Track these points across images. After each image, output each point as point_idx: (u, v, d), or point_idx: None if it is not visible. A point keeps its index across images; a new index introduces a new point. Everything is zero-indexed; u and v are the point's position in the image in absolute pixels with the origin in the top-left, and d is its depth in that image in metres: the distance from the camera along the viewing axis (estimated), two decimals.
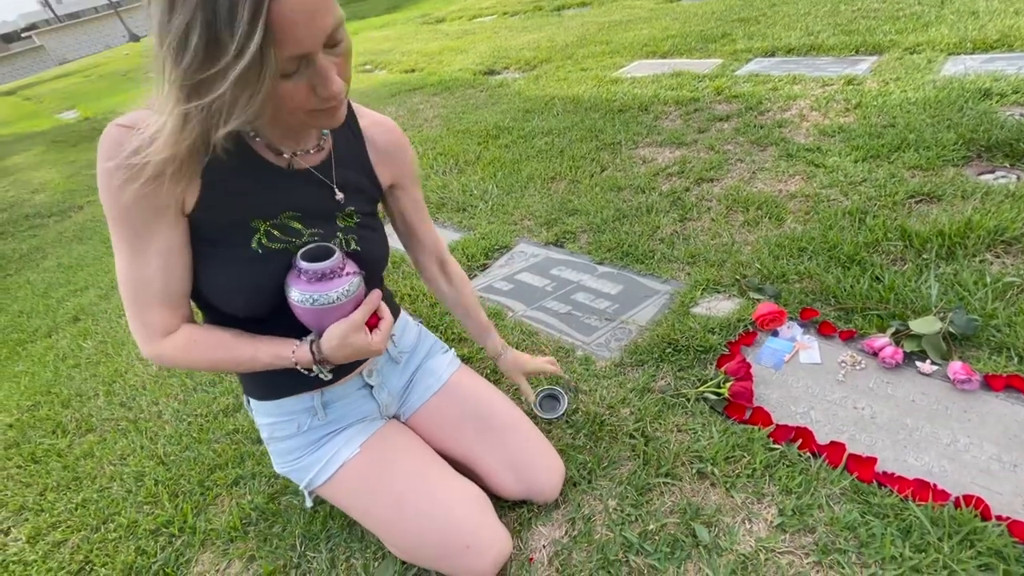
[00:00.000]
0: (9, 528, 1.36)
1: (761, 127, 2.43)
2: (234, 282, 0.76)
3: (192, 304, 0.80)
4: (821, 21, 3.67)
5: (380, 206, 0.98)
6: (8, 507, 1.42)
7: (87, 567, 1.20)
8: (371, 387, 1.01)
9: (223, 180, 0.71)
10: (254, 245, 0.75)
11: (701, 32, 4.10)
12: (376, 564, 1.05)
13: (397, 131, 0.93)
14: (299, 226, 0.79)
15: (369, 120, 0.90)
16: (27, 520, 1.36)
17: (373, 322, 0.80)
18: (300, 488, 0.99)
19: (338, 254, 0.75)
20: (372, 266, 0.86)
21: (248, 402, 0.99)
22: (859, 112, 2.32)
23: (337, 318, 0.76)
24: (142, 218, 0.68)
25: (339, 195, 0.82)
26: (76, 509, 1.35)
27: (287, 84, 0.61)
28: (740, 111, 2.65)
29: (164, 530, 1.23)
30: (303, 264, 0.73)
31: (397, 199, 0.98)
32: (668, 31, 4.37)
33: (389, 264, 1.85)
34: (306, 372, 0.84)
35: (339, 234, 0.83)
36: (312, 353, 0.79)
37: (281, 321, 0.81)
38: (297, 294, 0.74)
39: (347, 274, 0.76)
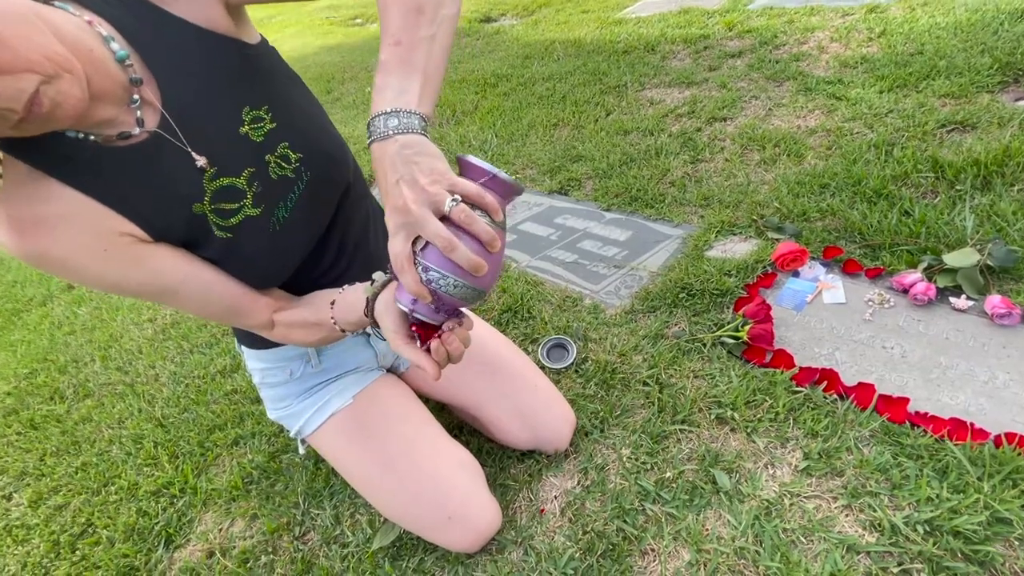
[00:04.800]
0: (11, 493, 1.34)
1: (777, 62, 2.27)
2: (238, 273, 0.70)
3: None
4: None
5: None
6: (9, 472, 1.39)
7: (89, 529, 1.18)
8: (368, 335, 0.94)
9: (121, 191, 0.60)
10: (217, 233, 0.66)
11: None
12: (382, 520, 1.01)
13: None
14: (230, 181, 0.65)
15: None
16: (28, 485, 1.34)
17: (429, 335, 0.59)
18: (291, 435, 0.95)
19: None
20: (330, 166, 0.74)
21: (239, 346, 0.94)
22: (883, 41, 2.15)
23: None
24: (127, 271, 0.62)
25: (200, 160, 0.62)
26: (76, 473, 1.32)
27: None
28: (754, 46, 2.48)
29: (165, 491, 1.20)
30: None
31: None
32: None
33: None
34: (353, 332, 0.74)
35: (269, 157, 0.67)
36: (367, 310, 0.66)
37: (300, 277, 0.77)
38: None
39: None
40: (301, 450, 1.01)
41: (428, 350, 0.59)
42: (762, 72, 2.23)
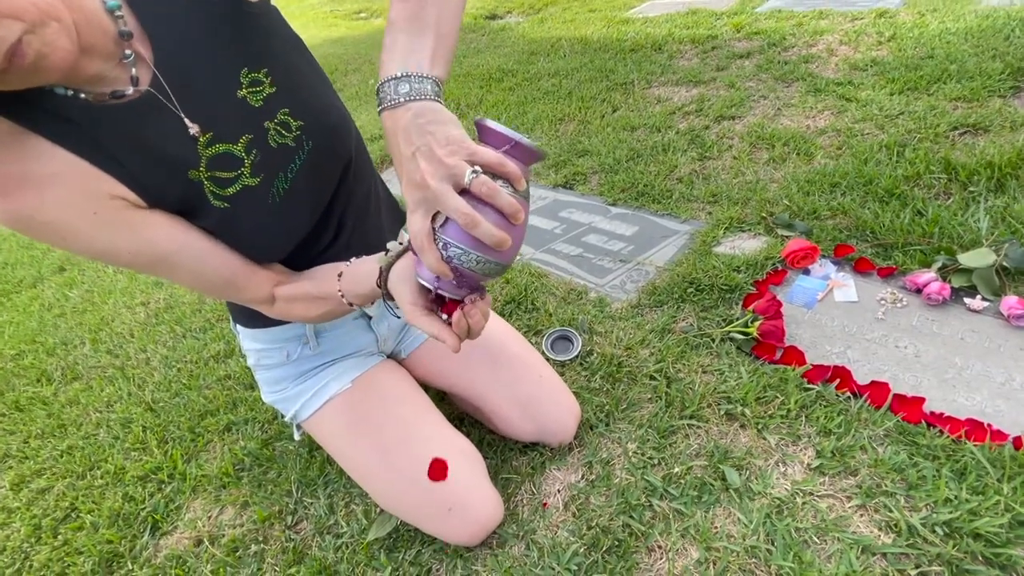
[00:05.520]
0: None
1: (785, 63, 2.25)
2: (236, 246, 0.66)
3: None
4: None
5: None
6: None
7: (72, 514, 1.13)
8: (370, 318, 0.91)
9: (113, 153, 0.56)
10: (214, 202, 0.62)
11: None
12: (378, 511, 0.98)
13: None
14: (227, 147, 0.61)
15: None
16: (10, 467, 1.29)
17: (451, 309, 0.57)
18: (286, 420, 0.91)
19: None
20: (333, 137, 0.70)
21: (234, 326, 0.90)
22: (893, 45, 2.14)
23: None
24: (118, 237, 0.58)
25: (192, 128, 0.59)
26: (61, 456, 1.28)
27: None
28: (762, 48, 2.46)
29: (153, 476, 1.16)
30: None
31: None
32: None
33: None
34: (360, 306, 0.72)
35: (268, 124, 0.63)
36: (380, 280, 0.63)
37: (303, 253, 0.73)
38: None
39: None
40: (296, 436, 0.97)
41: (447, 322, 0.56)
42: (771, 73, 2.22)
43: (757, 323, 1.12)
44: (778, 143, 1.73)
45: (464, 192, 0.47)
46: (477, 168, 0.47)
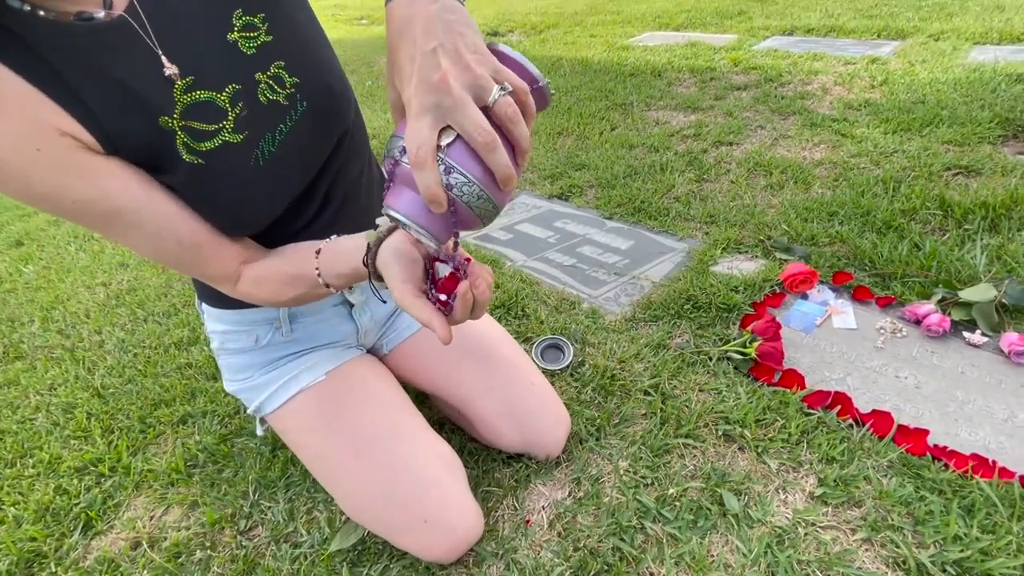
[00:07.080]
0: None
1: (782, 97, 2.29)
2: (204, 209, 0.59)
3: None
4: (841, 4, 3.54)
5: None
6: None
7: None
8: (351, 305, 0.83)
9: (68, 83, 0.49)
10: (185, 156, 0.54)
11: (716, 8, 3.94)
12: (343, 519, 0.89)
13: None
14: (209, 95, 0.55)
15: None
16: None
17: (450, 286, 0.50)
18: (249, 412, 0.82)
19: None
20: (331, 100, 0.63)
21: (200, 304, 0.82)
22: (886, 88, 2.20)
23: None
24: (63, 182, 0.50)
25: (169, 69, 0.52)
26: None
27: None
28: (759, 82, 2.51)
29: (92, 468, 1.05)
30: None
31: None
32: (682, 5, 4.20)
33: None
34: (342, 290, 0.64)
35: (259, 76, 0.57)
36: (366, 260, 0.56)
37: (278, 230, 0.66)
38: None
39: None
40: (259, 431, 0.88)
41: (439, 305, 0.49)
42: (767, 105, 2.25)
43: (756, 344, 1.08)
44: (775, 170, 1.73)
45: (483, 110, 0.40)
46: (506, 85, 0.39)
